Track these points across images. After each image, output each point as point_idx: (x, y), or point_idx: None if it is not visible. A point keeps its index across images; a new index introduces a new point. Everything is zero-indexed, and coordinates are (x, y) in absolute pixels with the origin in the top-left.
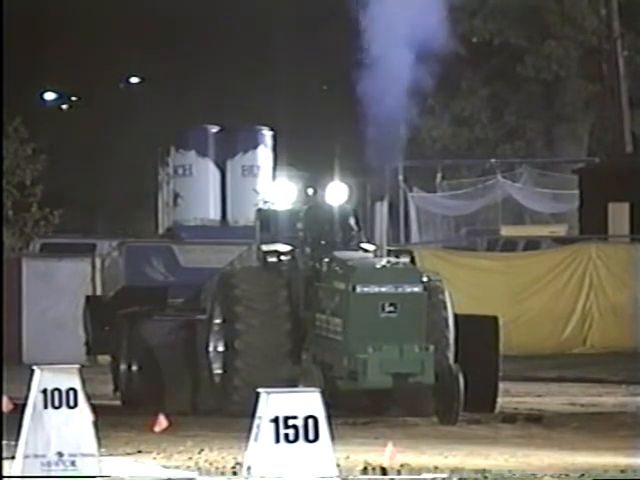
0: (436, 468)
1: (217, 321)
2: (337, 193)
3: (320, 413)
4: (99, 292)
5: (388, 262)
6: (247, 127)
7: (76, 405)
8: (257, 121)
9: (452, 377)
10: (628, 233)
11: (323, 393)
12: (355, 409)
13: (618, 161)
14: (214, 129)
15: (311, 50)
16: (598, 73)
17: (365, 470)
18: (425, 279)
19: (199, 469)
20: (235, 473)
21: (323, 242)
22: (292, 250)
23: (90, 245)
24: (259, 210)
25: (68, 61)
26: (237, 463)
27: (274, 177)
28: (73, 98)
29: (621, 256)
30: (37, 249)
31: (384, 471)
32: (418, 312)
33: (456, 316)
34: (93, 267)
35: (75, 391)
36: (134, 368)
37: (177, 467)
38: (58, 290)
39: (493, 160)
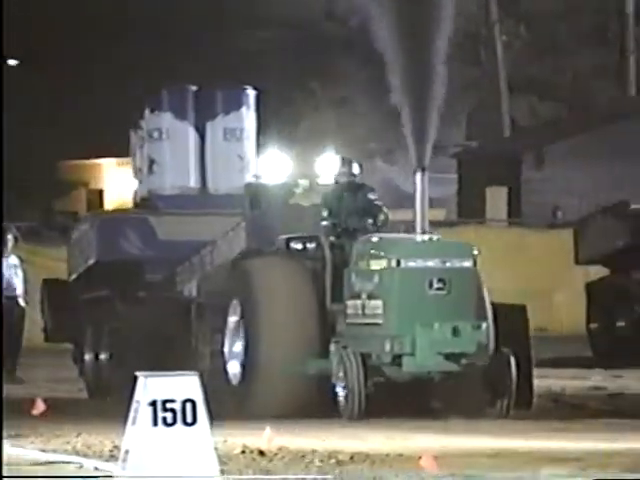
0: (314, 452)
1: (234, 319)
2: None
3: (198, 397)
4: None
5: (434, 237)
6: (229, 86)
7: None
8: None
9: (503, 362)
10: (506, 217)
11: (366, 383)
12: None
13: (496, 145)
14: (193, 88)
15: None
16: (476, 57)
17: (243, 453)
18: (476, 252)
19: (77, 453)
20: (113, 456)
21: (351, 229)
22: (316, 237)
23: None
24: (248, 184)
25: None
26: (115, 446)
27: (258, 142)
28: None
29: (503, 238)
30: None
31: (262, 454)
32: (469, 289)
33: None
34: None
35: None
36: (103, 357)
37: (54, 451)
38: None
39: (372, 144)
